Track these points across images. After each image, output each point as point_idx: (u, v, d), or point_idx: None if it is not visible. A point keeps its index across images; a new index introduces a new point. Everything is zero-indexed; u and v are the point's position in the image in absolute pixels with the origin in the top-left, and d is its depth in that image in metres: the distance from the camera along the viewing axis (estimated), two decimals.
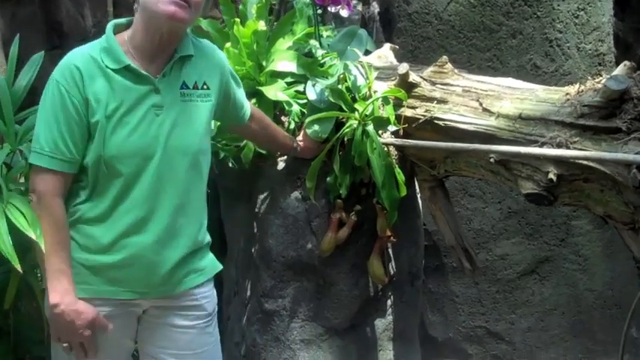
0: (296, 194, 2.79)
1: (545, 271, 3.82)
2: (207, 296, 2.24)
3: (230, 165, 2.85)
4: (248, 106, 2.44)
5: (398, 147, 2.80)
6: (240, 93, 2.38)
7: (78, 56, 2.06)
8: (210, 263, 2.27)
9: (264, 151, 2.78)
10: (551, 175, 2.37)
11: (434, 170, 2.83)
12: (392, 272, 2.91)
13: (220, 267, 2.29)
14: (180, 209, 2.10)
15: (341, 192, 2.68)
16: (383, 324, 2.96)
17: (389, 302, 2.97)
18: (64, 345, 2.07)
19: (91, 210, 2.07)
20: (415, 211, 3.05)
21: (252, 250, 2.93)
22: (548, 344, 3.81)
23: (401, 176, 2.73)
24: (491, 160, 2.50)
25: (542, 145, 2.40)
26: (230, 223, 3.18)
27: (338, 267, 2.80)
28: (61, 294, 2.02)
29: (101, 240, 2.07)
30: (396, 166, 2.75)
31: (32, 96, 2.61)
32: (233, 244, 3.15)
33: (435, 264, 3.94)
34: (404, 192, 2.72)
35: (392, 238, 2.78)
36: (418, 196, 3.07)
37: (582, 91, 2.41)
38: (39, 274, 2.48)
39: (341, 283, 2.82)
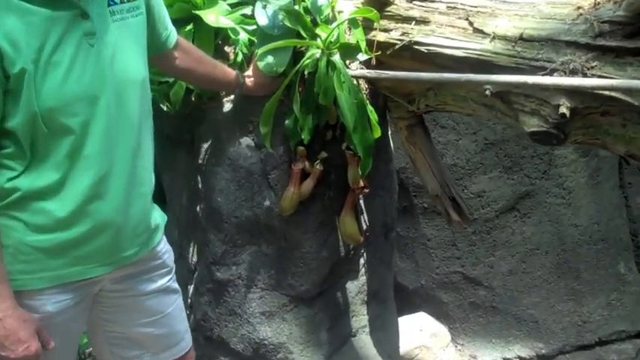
0: (247, 141, 2.48)
1: (526, 207, 3.65)
2: (167, 250, 2.11)
3: (165, 109, 2.53)
4: (173, 29, 2.12)
5: (368, 80, 2.44)
6: (162, 6, 2.05)
7: None
8: (160, 215, 2.09)
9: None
10: (563, 109, 2.01)
11: (412, 105, 2.47)
12: (364, 227, 2.62)
13: (165, 216, 2.13)
14: (136, 153, 1.88)
15: (303, 137, 2.35)
16: (355, 286, 2.71)
17: (361, 261, 2.71)
18: None
19: (36, 181, 1.75)
20: (387, 152, 2.74)
21: (198, 209, 2.65)
22: (531, 287, 3.68)
23: (374, 115, 2.39)
24: (487, 92, 2.13)
25: (551, 72, 2.03)
26: (169, 176, 2.87)
27: (302, 226, 2.51)
28: None
29: (58, 214, 1.78)
30: (367, 102, 2.40)
31: None
32: (174, 200, 2.86)
33: (404, 205, 3.71)
34: (378, 133, 2.38)
35: (365, 189, 2.47)
36: (389, 134, 2.77)
37: (598, 3, 2.03)
38: None
39: (306, 244, 2.53)
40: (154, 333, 2.08)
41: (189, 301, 2.77)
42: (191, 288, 2.75)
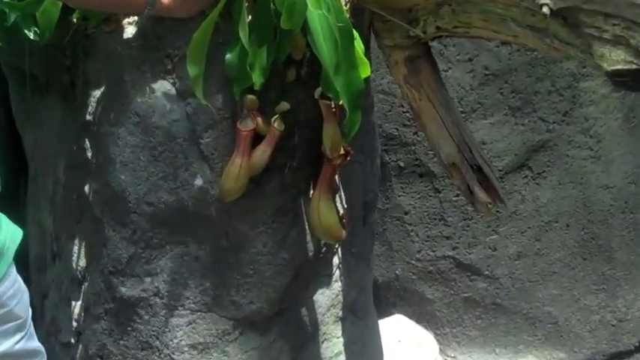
0: (166, 87, 2.31)
1: (541, 163, 3.68)
2: (15, 292, 1.97)
3: (32, 36, 2.40)
4: None
5: None
6: None
7: None
8: (10, 230, 1.97)
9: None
10: None
11: (415, 27, 2.29)
12: (342, 212, 2.48)
13: (20, 234, 2.02)
14: None
15: (254, 81, 2.18)
16: (327, 298, 2.61)
17: (335, 260, 2.59)
18: None
19: None
20: (368, 98, 2.61)
21: (86, 190, 2.50)
22: (547, 275, 3.76)
23: (360, 44, 2.23)
24: (545, 9, 1.93)
25: None
26: (33, 136, 2.78)
27: (252, 215, 2.39)
28: None
29: None
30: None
31: None
32: (43, 173, 2.77)
33: None
34: (367, 71, 2.24)
35: (347, 157, 2.34)
36: None
37: None
38: None
39: (258, 242, 2.41)
40: None
41: (73, 325, 2.63)
42: (77, 306, 2.61)
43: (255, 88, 2.20)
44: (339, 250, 2.60)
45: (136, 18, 2.28)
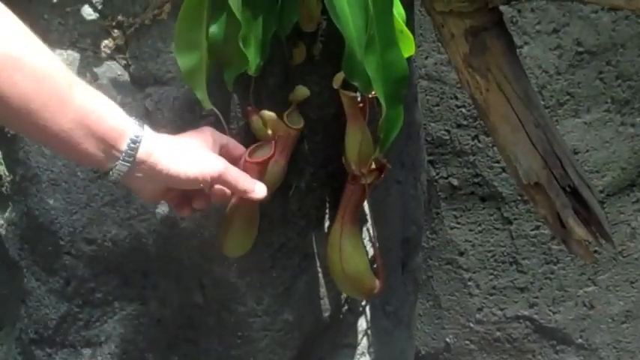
0: (115, 72, 2.31)
1: None
2: None
3: None
4: None
5: None
6: None
7: None
8: None
9: None
10: None
11: None
12: (372, 253, 2.49)
13: None
14: None
15: (250, 63, 2.17)
16: None
17: (362, 324, 2.63)
18: None
19: None
20: (411, 87, 2.73)
21: None
22: None
23: (400, 9, 2.24)
24: None
25: None
26: None
27: (241, 258, 2.36)
28: None
29: None
30: None
31: None
32: None
33: None
34: (411, 49, 2.25)
35: (382, 172, 2.33)
36: None
37: None
38: None
39: (249, 297, 2.41)
40: None
41: None
42: None
43: (250, 74, 2.17)
44: (368, 308, 2.62)
45: None
